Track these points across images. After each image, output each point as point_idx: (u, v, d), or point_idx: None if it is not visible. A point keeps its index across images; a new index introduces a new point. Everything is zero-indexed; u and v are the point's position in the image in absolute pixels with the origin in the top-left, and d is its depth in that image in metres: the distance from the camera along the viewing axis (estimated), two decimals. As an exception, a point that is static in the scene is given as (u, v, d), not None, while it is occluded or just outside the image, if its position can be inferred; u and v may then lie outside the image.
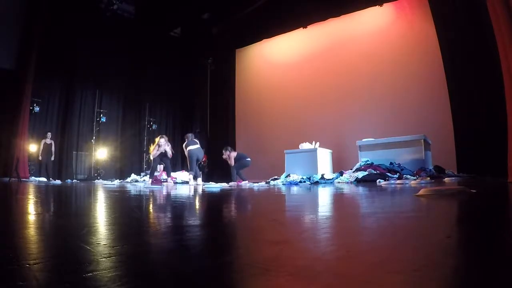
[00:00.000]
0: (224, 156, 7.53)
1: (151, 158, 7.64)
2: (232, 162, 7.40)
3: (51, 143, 9.13)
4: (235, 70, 12.34)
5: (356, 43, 9.28)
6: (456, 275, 0.53)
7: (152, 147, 7.38)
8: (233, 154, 7.54)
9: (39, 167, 9.33)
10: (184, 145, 7.48)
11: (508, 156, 3.79)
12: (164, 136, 7.58)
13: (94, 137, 10.60)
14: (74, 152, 10.18)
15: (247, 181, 7.04)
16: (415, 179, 5.21)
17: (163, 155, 7.34)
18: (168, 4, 10.33)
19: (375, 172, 6.06)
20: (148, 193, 3.38)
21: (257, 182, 6.74)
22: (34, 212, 1.62)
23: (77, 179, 9.78)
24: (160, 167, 8.77)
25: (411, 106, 7.98)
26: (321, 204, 2.15)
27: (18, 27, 8.84)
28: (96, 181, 9.53)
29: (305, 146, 8.62)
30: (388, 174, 5.97)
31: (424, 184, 3.94)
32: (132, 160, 11.36)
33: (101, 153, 10.62)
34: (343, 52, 9.54)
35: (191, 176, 6.99)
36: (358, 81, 9.05)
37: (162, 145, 7.24)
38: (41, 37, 8.81)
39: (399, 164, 6.48)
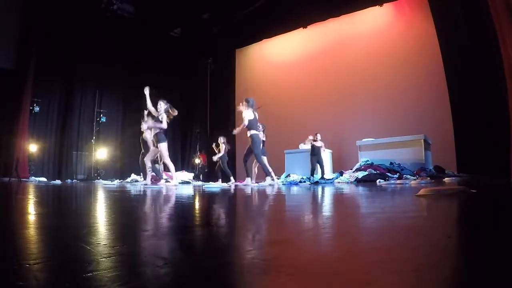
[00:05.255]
0: None
1: (216, 159, 8.44)
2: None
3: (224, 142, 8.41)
4: (235, 70, 12.34)
5: (356, 43, 9.28)
6: (456, 275, 0.53)
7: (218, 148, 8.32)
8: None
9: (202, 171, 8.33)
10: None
11: (510, 155, 3.78)
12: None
13: (94, 137, 10.59)
14: (74, 152, 10.17)
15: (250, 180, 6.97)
16: (415, 179, 5.21)
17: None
18: (168, 4, 10.32)
19: (375, 172, 6.07)
20: (148, 193, 3.38)
21: (257, 182, 6.73)
22: (34, 212, 1.62)
23: (77, 179, 9.77)
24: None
25: (411, 106, 7.98)
26: (321, 204, 2.15)
27: (18, 27, 8.83)
28: (96, 181, 9.53)
29: (305, 146, 8.62)
30: (388, 174, 5.97)
31: (424, 184, 3.93)
32: (132, 160, 11.35)
33: (101, 153, 10.61)
34: (343, 52, 9.54)
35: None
36: (358, 81, 9.05)
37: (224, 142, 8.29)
38: (41, 37, 8.80)
39: (399, 164, 6.49)
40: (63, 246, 0.80)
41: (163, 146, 5.79)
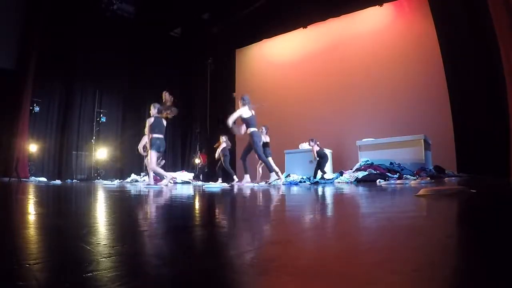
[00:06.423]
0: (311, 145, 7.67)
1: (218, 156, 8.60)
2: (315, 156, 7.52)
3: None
4: (235, 70, 12.34)
5: (356, 43, 9.28)
6: (456, 275, 0.53)
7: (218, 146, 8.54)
8: (316, 148, 7.61)
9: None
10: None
11: (510, 156, 3.78)
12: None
13: (94, 137, 10.59)
14: (74, 152, 10.17)
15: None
16: (415, 179, 5.21)
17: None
18: (168, 4, 10.33)
19: (375, 172, 6.07)
20: (148, 193, 3.38)
21: (266, 182, 6.71)
22: (34, 212, 1.62)
23: (77, 179, 9.77)
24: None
25: (411, 106, 7.97)
26: (321, 204, 2.15)
27: (18, 27, 8.83)
28: (96, 181, 9.53)
29: (305, 146, 8.63)
30: (388, 174, 5.97)
31: (424, 184, 3.93)
32: (132, 160, 11.35)
33: (101, 153, 10.61)
34: (343, 52, 9.54)
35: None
36: (358, 81, 9.04)
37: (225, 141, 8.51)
38: (41, 37, 8.80)
39: (399, 164, 6.49)
40: (63, 246, 0.80)
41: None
